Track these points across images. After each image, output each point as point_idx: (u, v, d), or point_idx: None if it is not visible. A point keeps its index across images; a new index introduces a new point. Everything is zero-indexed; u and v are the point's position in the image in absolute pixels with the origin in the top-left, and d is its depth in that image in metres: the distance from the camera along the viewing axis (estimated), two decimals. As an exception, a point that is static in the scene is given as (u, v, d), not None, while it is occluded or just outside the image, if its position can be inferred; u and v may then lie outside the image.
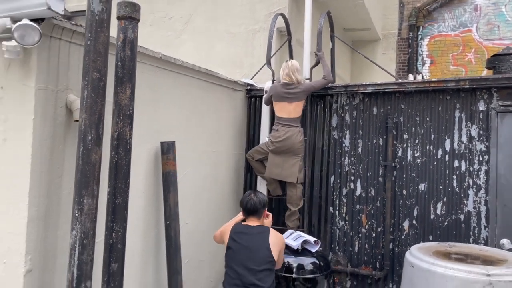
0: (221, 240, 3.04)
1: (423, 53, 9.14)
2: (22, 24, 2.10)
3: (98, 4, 2.12)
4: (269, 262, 2.73)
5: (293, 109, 4.11)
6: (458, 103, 3.99)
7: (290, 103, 4.10)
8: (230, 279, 2.73)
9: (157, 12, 6.46)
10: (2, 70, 2.30)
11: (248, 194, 3.01)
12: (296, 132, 4.09)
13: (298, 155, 4.12)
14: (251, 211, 2.91)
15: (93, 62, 2.11)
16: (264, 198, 3.02)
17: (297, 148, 4.08)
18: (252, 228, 2.88)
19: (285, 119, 4.11)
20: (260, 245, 2.76)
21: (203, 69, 3.87)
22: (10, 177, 2.27)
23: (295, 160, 4.11)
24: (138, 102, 2.97)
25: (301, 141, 4.12)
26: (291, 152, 4.08)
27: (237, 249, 2.76)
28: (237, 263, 2.72)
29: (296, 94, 4.11)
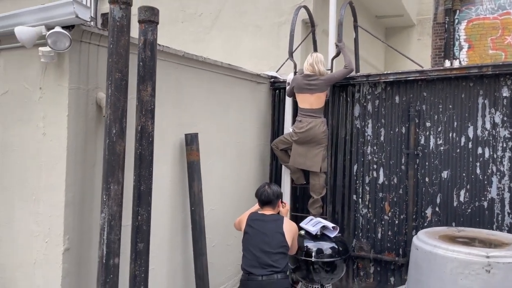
0: (239, 227, 3.25)
1: (460, 37, 8.86)
2: (55, 31, 2.38)
3: (119, 11, 2.37)
4: (283, 247, 2.90)
5: (315, 100, 4.22)
6: (481, 89, 3.95)
7: (311, 94, 4.21)
8: (247, 261, 2.94)
9: (188, 9, 6.72)
10: (40, 73, 2.61)
11: (263, 186, 3.18)
12: (319, 123, 4.21)
13: (321, 145, 4.24)
14: (265, 202, 3.09)
15: (115, 64, 2.37)
16: (277, 189, 3.18)
17: (320, 138, 4.20)
18: (267, 216, 3.06)
19: (307, 110, 4.24)
20: (275, 230, 2.94)
21: (226, 64, 4.07)
22: (49, 167, 2.59)
23: (318, 150, 4.23)
24: (163, 97, 3.24)
25: (324, 132, 4.23)
26: (314, 142, 4.21)
27: (253, 234, 2.95)
28: (253, 246, 2.92)
29: (317, 85, 4.22)
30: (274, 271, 2.79)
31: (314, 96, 4.23)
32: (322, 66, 4.28)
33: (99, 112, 2.73)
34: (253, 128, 4.64)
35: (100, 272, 2.38)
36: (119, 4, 2.37)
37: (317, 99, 4.24)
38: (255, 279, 2.80)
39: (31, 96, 2.66)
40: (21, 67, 2.72)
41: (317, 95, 4.23)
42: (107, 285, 2.38)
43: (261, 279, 2.78)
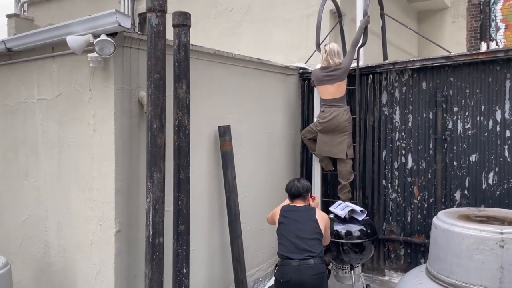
0: (272, 221, 3.43)
1: (497, 18, 8.61)
2: (101, 39, 2.70)
3: (155, 18, 2.65)
4: (317, 233, 3.09)
5: (335, 90, 4.38)
6: (508, 73, 3.97)
7: (331, 85, 4.37)
8: (284, 248, 3.11)
9: (219, 5, 6.98)
10: (90, 76, 2.95)
11: (292, 181, 3.36)
12: (342, 112, 4.37)
13: (345, 132, 4.40)
14: (295, 195, 3.28)
15: (154, 66, 2.66)
16: (306, 183, 3.35)
17: (344, 126, 4.36)
18: (299, 207, 3.25)
19: (329, 100, 4.41)
20: (308, 218, 3.13)
21: (255, 58, 4.30)
22: (100, 159, 2.94)
23: (343, 138, 4.40)
24: (197, 94, 3.52)
25: (348, 119, 4.39)
26: (338, 131, 4.38)
27: (288, 223, 3.15)
28: (289, 234, 3.10)
29: (335, 75, 4.36)
30: (311, 256, 2.96)
31: (334, 86, 4.39)
32: (337, 58, 4.39)
33: (141, 109, 3.05)
34: (283, 119, 4.86)
35: (148, 250, 2.71)
36: (156, 12, 2.65)
37: (337, 88, 4.39)
38: (292, 264, 2.96)
39: (82, 97, 3.01)
40: (72, 71, 3.07)
41: (337, 85, 4.38)
42: (154, 262, 2.70)
43: (299, 264, 2.95)
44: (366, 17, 4.48)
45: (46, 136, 3.26)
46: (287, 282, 2.93)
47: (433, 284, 2.57)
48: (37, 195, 3.39)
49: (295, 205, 3.27)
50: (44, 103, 3.25)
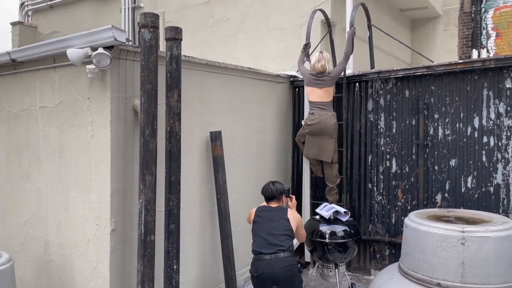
0: (250, 220, 3.68)
1: (488, 26, 8.82)
2: (98, 52, 2.93)
3: (148, 34, 2.89)
4: (288, 230, 3.32)
5: (323, 94, 4.63)
6: (485, 82, 4.19)
7: (320, 89, 4.63)
8: (257, 244, 3.34)
9: (216, 15, 7.23)
10: (88, 86, 3.18)
11: (267, 184, 3.60)
12: (330, 116, 4.60)
13: (333, 136, 4.63)
14: (269, 198, 3.53)
15: (146, 77, 2.89)
16: (280, 187, 3.58)
17: (331, 130, 4.59)
18: (273, 207, 3.49)
19: (318, 103, 4.65)
20: (280, 217, 3.37)
21: (246, 67, 4.54)
22: (97, 163, 3.16)
23: (331, 141, 4.62)
24: (190, 101, 3.75)
25: (334, 124, 4.61)
26: (326, 134, 4.61)
27: (262, 222, 3.39)
28: (262, 231, 3.34)
29: (324, 81, 4.62)
30: (281, 250, 3.20)
31: (323, 90, 4.64)
32: (330, 65, 4.66)
33: (135, 116, 3.27)
34: (274, 124, 5.09)
35: (140, 247, 2.93)
36: (148, 28, 2.88)
37: (326, 92, 4.64)
38: (264, 258, 3.21)
39: (81, 105, 3.24)
40: (72, 81, 3.31)
41: (325, 89, 4.64)
42: (145, 258, 2.92)
43: (270, 258, 3.19)
44: (352, 28, 4.71)
45: (47, 141, 3.50)
46: (260, 276, 3.17)
47: (403, 279, 2.77)
48: (38, 196, 3.62)
49: (269, 206, 3.50)
50: (46, 110, 3.49)
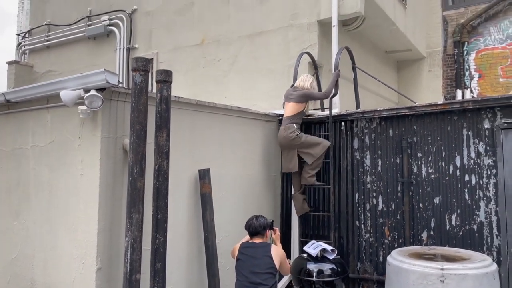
0: (233, 255, 3.72)
1: (471, 67, 9.19)
2: (90, 94, 3.05)
3: (139, 77, 3.03)
4: (271, 268, 3.35)
5: (289, 108, 4.83)
6: (465, 122, 4.35)
7: (288, 103, 4.85)
8: (239, 283, 3.37)
9: (208, 56, 7.48)
10: (79, 126, 3.28)
11: (251, 219, 3.66)
12: (282, 130, 4.81)
13: (293, 147, 4.76)
14: (253, 233, 3.58)
15: (136, 117, 3.00)
16: (264, 221, 3.64)
17: (288, 141, 4.76)
18: (257, 243, 3.54)
19: (283, 118, 4.89)
20: (263, 254, 3.41)
21: (235, 107, 4.69)
22: (86, 201, 3.22)
23: (291, 153, 4.79)
24: (179, 140, 3.85)
25: (286, 137, 4.74)
26: (287, 147, 4.82)
27: (245, 259, 3.42)
28: (245, 270, 3.37)
29: (294, 95, 4.83)
30: None
31: (290, 105, 4.84)
32: (308, 84, 4.87)
33: (125, 155, 3.36)
34: (263, 162, 5.19)
35: (125, 285, 2.93)
36: (139, 71, 3.03)
37: (291, 107, 4.82)
38: None
39: (72, 144, 3.33)
40: (64, 121, 3.41)
41: (292, 104, 4.82)
42: (130, 297, 2.92)
43: None
44: (337, 70, 4.92)
45: (38, 180, 3.56)
46: None
47: (386, 317, 2.79)
48: (26, 235, 3.63)
49: (253, 242, 3.55)
50: (37, 149, 3.57)
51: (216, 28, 7.34)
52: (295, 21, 6.54)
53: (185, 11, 7.73)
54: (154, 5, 8.12)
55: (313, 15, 6.37)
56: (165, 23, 7.97)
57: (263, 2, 6.87)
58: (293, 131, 4.75)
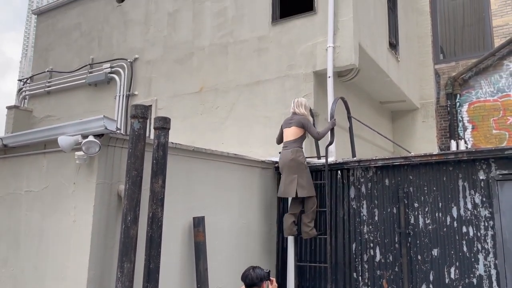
0: None
1: (464, 119, 9.36)
2: (88, 140, 3.07)
3: (138, 123, 3.06)
4: None
5: (290, 133, 4.89)
6: (460, 173, 4.37)
7: (289, 128, 4.92)
8: None
9: (206, 103, 7.61)
10: (75, 171, 3.27)
11: (248, 270, 3.55)
12: (289, 152, 4.80)
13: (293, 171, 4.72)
14: (250, 285, 3.47)
15: (133, 164, 3.00)
16: (261, 273, 3.53)
17: (289, 166, 4.75)
18: None
19: (285, 143, 4.92)
20: None
21: (232, 154, 4.71)
22: (76, 249, 3.14)
23: (293, 176, 4.74)
24: (175, 186, 3.83)
25: (292, 159, 4.73)
26: (286, 170, 4.78)
27: None
28: None
29: (294, 120, 4.92)
30: None
31: (291, 129, 4.92)
32: (302, 108, 4.97)
33: (119, 201, 3.33)
34: (259, 210, 5.13)
35: None
36: (138, 118, 3.07)
37: (292, 131, 4.90)
38: None
39: (66, 190, 3.30)
40: (60, 166, 3.40)
41: (293, 129, 4.90)
42: None
43: None
44: (333, 119, 5.01)
45: (29, 226, 3.49)
46: None
47: None
48: (14, 284, 3.50)
49: None
50: (31, 194, 3.53)
51: (215, 77, 7.53)
52: (292, 71, 6.73)
53: (184, 61, 7.96)
54: (155, 55, 8.37)
55: (309, 66, 6.57)
56: (165, 72, 8.17)
57: (261, 53, 7.10)
58: (302, 156, 4.82)
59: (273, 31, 7.03)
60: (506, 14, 9.20)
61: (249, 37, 7.25)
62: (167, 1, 8.43)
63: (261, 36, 7.12)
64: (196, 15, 7.99)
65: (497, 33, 9.22)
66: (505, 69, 9.04)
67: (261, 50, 7.10)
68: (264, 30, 7.10)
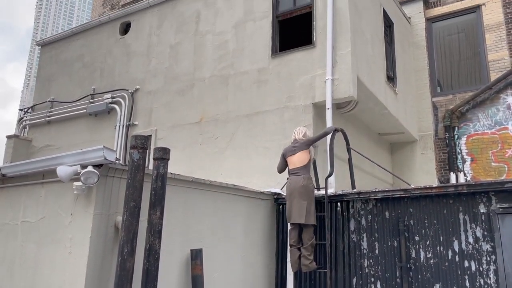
0: None
1: (462, 151, 9.38)
2: (87, 170, 3.06)
3: (137, 154, 3.06)
4: None
5: (297, 160, 4.95)
6: (460, 206, 4.34)
7: (295, 155, 4.98)
8: None
9: (206, 133, 7.65)
10: (72, 201, 3.25)
11: None
12: (300, 178, 4.82)
13: (303, 197, 4.73)
14: None
15: (131, 195, 2.98)
16: None
17: (300, 192, 4.75)
18: None
19: (292, 170, 4.96)
20: None
21: (230, 185, 4.68)
22: (71, 281, 3.07)
23: (301, 202, 4.72)
24: (173, 218, 3.79)
25: (304, 186, 4.77)
26: (295, 196, 4.77)
27: None
28: None
29: (298, 146, 5.01)
30: None
31: (296, 156, 4.99)
32: (301, 135, 5.11)
33: (116, 233, 3.28)
34: (257, 242, 5.06)
35: None
36: (138, 149, 3.07)
37: (299, 158, 4.97)
38: None
39: (63, 221, 3.27)
40: (58, 196, 3.38)
41: (298, 154, 4.98)
42: None
43: None
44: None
45: (24, 257, 3.42)
46: None
47: None
48: (4, 317, 3.41)
49: None
50: (27, 225, 3.49)
51: (215, 107, 7.59)
52: (291, 103, 6.79)
53: (185, 92, 8.05)
54: (156, 85, 8.47)
55: (308, 98, 6.64)
56: (166, 102, 8.25)
57: (261, 84, 7.19)
58: (313, 184, 4.88)
59: (272, 63, 7.15)
60: (501, 49, 9.40)
61: (249, 69, 7.37)
62: (169, 34, 8.62)
63: (261, 68, 7.23)
64: (197, 47, 8.14)
65: (493, 67, 9.39)
66: (502, 103, 9.15)
67: (261, 82, 7.20)
68: (264, 62, 7.23)
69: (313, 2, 7.01)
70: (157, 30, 8.82)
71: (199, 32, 8.19)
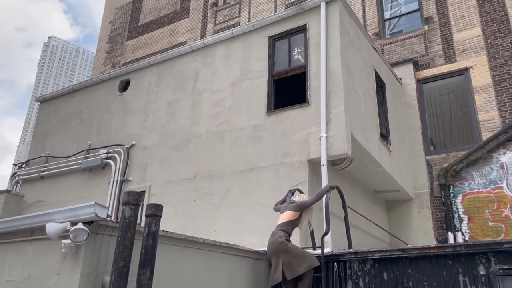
0: None
1: (459, 210, 9.32)
2: (76, 228, 2.99)
3: (129, 211, 3.01)
4: None
5: (282, 217, 4.99)
6: (460, 267, 4.23)
7: (283, 213, 5.04)
8: None
9: (201, 189, 7.58)
10: (60, 260, 3.13)
11: None
12: (276, 234, 4.76)
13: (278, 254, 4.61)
14: None
15: (120, 253, 2.89)
16: None
17: (270, 250, 4.69)
18: None
19: (276, 226, 4.93)
20: None
21: (224, 243, 4.57)
22: None
23: (278, 260, 4.59)
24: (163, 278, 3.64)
25: (272, 242, 4.72)
26: (271, 256, 4.70)
27: None
28: None
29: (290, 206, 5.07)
30: None
31: (283, 214, 5.00)
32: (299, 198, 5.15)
33: (104, 294, 3.13)
34: (251, 305, 4.84)
35: None
36: (130, 205, 3.02)
37: (284, 216, 5.01)
38: None
39: (49, 281, 3.13)
40: (46, 254, 3.26)
41: (286, 213, 5.00)
42: None
43: None
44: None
45: (4, 320, 3.24)
46: None
47: None
48: None
49: None
50: (12, 285, 3.34)
51: (210, 163, 7.59)
52: (286, 159, 6.82)
53: (181, 147, 8.09)
54: (152, 141, 8.52)
55: (303, 154, 6.68)
56: (161, 158, 8.26)
57: (256, 141, 7.26)
58: (280, 236, 4.75)
59: (268, 120, 7.27)
60: (491, 109, 9.65)
61: (245, 125, 7.47)
62: (167, 91, 8.82)
63: (256, 125, 7.34)
64: (194, 104, 8.30)
65: (484, 126, 9.58)
66: (495, 162, 9.23)
67: (257, 138, 7.27)
68: (259, 119, 7.34)
69: (307, 63, 7.28)
70: (155, 88, 9.04)
71: (196, 90, 8.40)
